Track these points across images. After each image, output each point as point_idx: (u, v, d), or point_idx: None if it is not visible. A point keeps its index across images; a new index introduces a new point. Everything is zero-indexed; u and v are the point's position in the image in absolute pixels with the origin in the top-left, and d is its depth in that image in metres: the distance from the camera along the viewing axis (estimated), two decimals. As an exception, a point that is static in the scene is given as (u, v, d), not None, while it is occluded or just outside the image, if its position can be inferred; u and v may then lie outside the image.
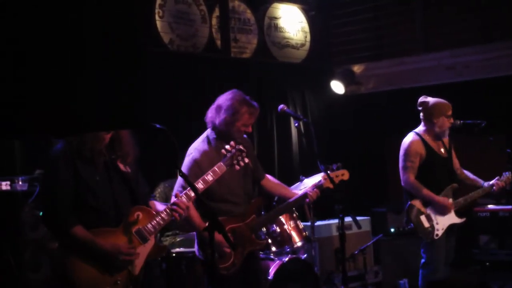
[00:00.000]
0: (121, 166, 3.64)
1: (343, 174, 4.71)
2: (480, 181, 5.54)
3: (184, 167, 4.32)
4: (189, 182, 3.54)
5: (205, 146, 4.38)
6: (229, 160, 4.03)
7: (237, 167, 4.05)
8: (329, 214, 6.96)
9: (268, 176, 4.80)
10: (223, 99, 4.37)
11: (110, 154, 3.59)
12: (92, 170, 3.50)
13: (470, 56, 7.51)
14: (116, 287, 3.46)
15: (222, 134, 4.36)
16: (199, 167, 4.27)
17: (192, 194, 3.74)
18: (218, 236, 3.66)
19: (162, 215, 3.64)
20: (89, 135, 3.43)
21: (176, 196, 3.80)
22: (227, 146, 4.04)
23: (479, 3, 7.77)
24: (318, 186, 4.59)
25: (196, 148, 4.40)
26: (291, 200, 4.64)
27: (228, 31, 7.53)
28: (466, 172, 5.59)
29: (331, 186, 4.61)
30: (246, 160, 4.07)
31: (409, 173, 5.26)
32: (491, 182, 5.47)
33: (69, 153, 3.45)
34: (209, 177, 3.99)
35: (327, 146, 7.72)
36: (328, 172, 4.66)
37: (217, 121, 4.33)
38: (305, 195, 4.56)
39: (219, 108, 4.35)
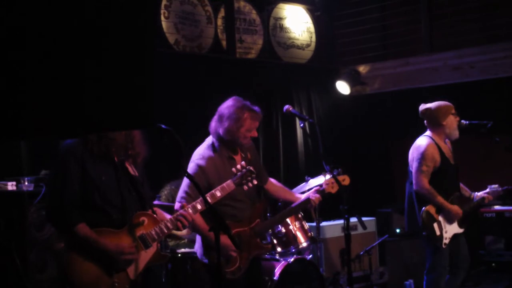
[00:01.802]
0: (130, 169, 3.65)
1: (344, 180, 4.73)
2: (468, 190, 5.51)
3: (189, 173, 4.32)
4: (196, 183, 3.54)
5: (210, 153, 4.37)
6: (239, 179, 4.04)
7: (246, 187, 4.06)
8: (335, 215, 6.95)
9: (272, 180, 4.80)
10: (224, 108, 4.37)
11: (120, 155, 3.60)
12: (100, 169, 3.50)
13: (476, 57, 7.50)
14: None
15: (228, 142, 4.37)
16: (204, 174, 4.28)
17: (199, 206, 3.76)
18: (225, 240, 3.72)
19: (167, 224, 3.64)
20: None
21: (182, 207, 3.81)
22: (238, 166, 4.05)
23: (485, 3, 7.76)
24: (319, 191, 4.63)
25: (201, 154, 4.39)
26: (293, 205, 4.69)
27: (233, 32, 7.53)
28: None
29: (332, 191, 4.64)
30: (255, 182, 4.08)
31: (424, 178, 5.16)
32: (479, 194, 5.44)
33: (79, 150, 3.46)
34: (218, 193, 4.00)
35: (333, 147, 7.72)
36: (330, 176, 4.69)
37: (221, 131, 4.33)
38: (307, 200, 4.59)
39: (221, 117, 4.34)
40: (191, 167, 4.34)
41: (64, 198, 3.41)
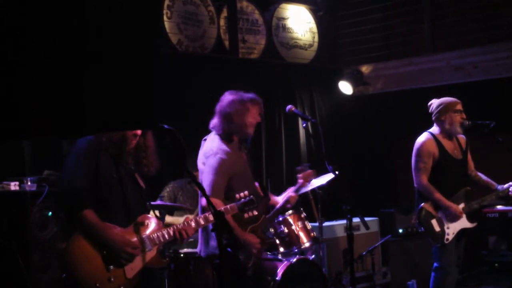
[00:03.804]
0: (139, 181, 3.73)
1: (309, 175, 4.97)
2: (494, 183, 5.47)
3: (211, 167, 4.38)
4: (200, 186, 3.56)
5: (227, 148, 4.45)
6: (242, 205, 4.09)
7: (246, 215, 4.12)
8: (337, 215, 6.95)
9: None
10: (226, 106, 4.45)
11: (131, 163, 3.69)
12: (112, 168, 3.59)
13: (479, 57, 7.48)
14: (108, 284, 3.48)
15: (234, 136, 4.44)
16: (227, 166, 4.36)
17: (202, 222, 3.85)
18: (252, 238, 4.03)
19: (169, 231, 3.70)
20: (118, 134, 3.54)
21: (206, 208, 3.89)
22: (242, 194, 4.09)
23: (485, 3, 7.75)
24: (297, 189, 4.89)
25: (220, 148, 4.45)
26: (277, 207, 4.86)
27: (236, 32, 7.53)
28: (480, 174, 5.54)
29: (306, 182, 4.90)
30: (255, 213, 4.14)
31: (422, 175, 5.19)
32: (505, 186, 5.41)
33: (95, 145, 3.53)
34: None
35: (335, 147, 7.71)
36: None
37: (231, 128, 4.40)
38: (287, 200, 4.80)
39: (227, 116, 4.42)
40: (212, 161, 4.39)
41: (77, 183, 3.48)
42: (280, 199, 4.88)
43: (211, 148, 4.46)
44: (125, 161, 3.66)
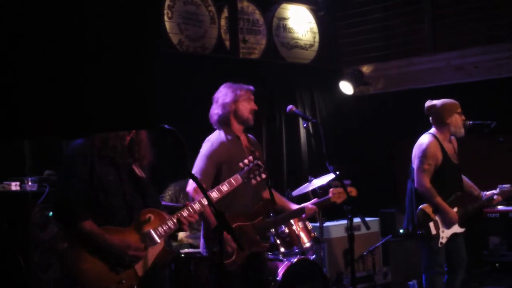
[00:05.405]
0: (137, 171, 3.68)
1: (351, 192, 4.73)
2: (477, 188, 5.46)
3: (202, 153, 4.44)
4: (200, 184, 3.54)
5: (222, 137, 4.48)
6: (246, 173, 4.05)
7: (254, 181, 4.07)
8: (338, 215, 6.95)
9: None
10: (220, 93, 4.58)
11: (126, 157, 3.64)
12: (107, 169, 3.54)
13: (479, 57, 7.48)
14: (120, 286, 3.46)
15: (230, 123, 4.47)
16: (217, 155, 4.39)
17: (205, 202, 3.77)
18: (225, 234, 3.74)
19: (173, 220, 3.66)
20: (112, 134, 3.50)
21: (186, 205, 3.85)
22: (245, 160, 4.07)
23: (485, 3, 7.75)
24: (319, 203, 4.68)
25: (214, 136, 4.52)
26: (287, 213, 4.71)
27: (236, 32, 7.54)
28: (464, 177, 5.52)
29: (338, 201, 4.65)
30: (263, 176, 4.09)
31: (426, 177, 5.13)
32: (488, 194, 5.40)
33: (87, 149, 3.50)
34: (224, 187, 4.01)
35: (336, 147, 7.71)
36: (336, 185, 4.74)
37: (227, 114, 4.44)
38: (302, 209, 4.62)
39: (222, 102, 4.52)
40: (205, 147, 4.46)
41: (72, 194, 3.44)
42: (291, 206, 4.74)
43: (206, 140, 4.52)
44: (122, 159, 3.63)
